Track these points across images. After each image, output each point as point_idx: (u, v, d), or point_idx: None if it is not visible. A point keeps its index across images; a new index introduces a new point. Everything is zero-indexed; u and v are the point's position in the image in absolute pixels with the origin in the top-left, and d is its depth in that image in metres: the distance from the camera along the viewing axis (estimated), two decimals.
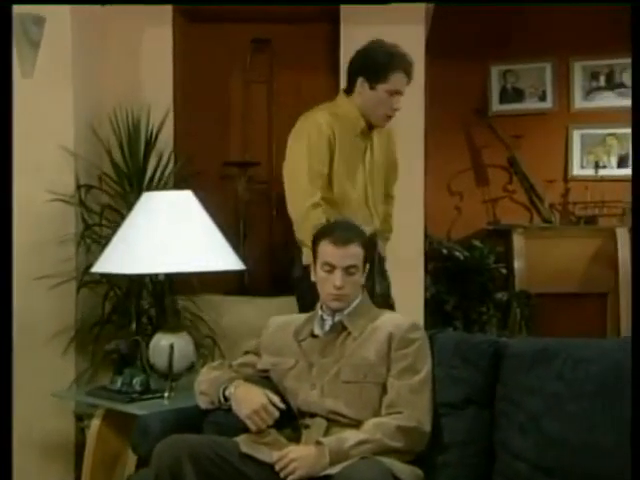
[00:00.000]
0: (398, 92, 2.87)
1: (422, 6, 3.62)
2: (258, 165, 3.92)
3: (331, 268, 2.20)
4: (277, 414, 2.14)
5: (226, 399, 2.20)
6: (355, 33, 3.63)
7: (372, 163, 2.96)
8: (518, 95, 4.97)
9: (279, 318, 2.39)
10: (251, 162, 3.91)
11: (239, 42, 3.89)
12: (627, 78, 4.81)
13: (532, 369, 2.06)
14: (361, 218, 2.71)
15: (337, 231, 2.23)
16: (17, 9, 2.98)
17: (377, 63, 2.85)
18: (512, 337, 4.04)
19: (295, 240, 2.89)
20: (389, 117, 2.91)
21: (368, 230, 2.70)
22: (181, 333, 2.71)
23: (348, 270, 2.19)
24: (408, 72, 2.87)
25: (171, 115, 3.63)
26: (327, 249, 2.20)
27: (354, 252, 2.20)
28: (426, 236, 3.80)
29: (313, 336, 2.27)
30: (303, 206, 2.83)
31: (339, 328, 2.24)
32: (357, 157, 2.93)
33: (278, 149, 3.98)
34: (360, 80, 2.89)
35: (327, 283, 2.21)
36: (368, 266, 2.28)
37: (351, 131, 2.90)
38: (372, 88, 2.87)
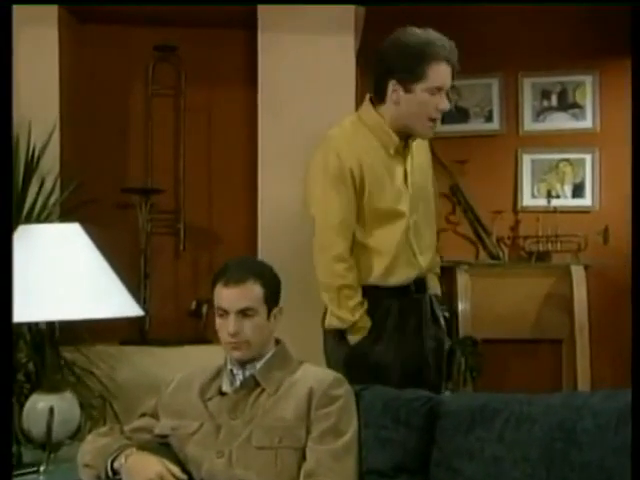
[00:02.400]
0: (441, 88, 2.61)
1: (351, 12, 3.70)
2: (163, 192, 3.91)
3: (224, 313, 2.21)
4: None
5: (115, 472, 2.16)
6: (275, 41, 3.69)
7: (415, 187, 2.73)
8: (461, 115, 5.08)
9: (183, 373, 2.37)
10: (154, 189, 3.90)
11: (140, 48, 3.90)
12: (581, 97, 4.99)
13: (471, 430, 2.10)
14: (403, 262, 2.65)
15: (229, 270, 2.24)
16: None
17: (410, 57, 2.58)
18: (455, 391, 4.14)
19: None
20: (433, 122, 2.65)
21: (413, 274, 2.68)
22: (64, 393, 2.65)
23: (244, 313, 2.20)
24: (451, 61, 2.61)
25: (57, 133, 3.59)
26: (219, 292, 2.22)
27: (249, 292, 2.20)
28: None
29: (221, 394, 2.25)
30: (323, 260, 2.65)
31: (251, 384, 2.24)
32: (394, 184, 2.68)
33: (186, 173, 4.00)
34: (392, 83, 2.63)
35: (222, 330, 2.23)
36: (279, 309, 2.27)
37: (383, 152, 2.68)
38: (408, 91, 2.61)
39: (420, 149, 2.82)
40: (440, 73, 2.61)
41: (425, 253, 2.77)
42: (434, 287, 2.87)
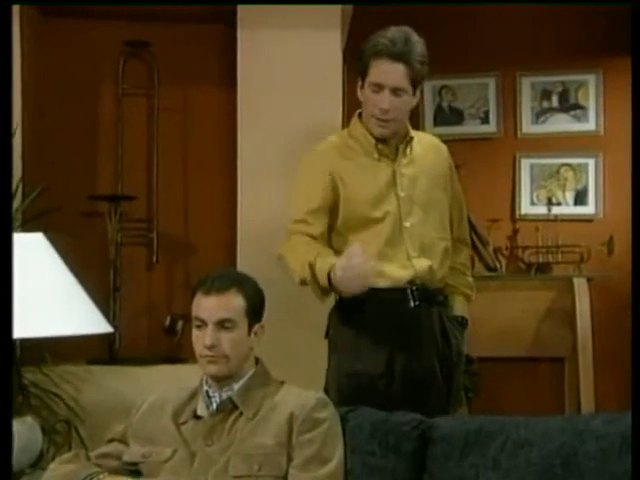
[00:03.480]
0: (381, 85, 2.70)
1: (338, 7, 3.71)
2: (134, 199, 3.90)
3: (202, 324, 2.22)
4: None
5: None
6: (256, 37, 3.69)
7: (411, 191, 2.79)
8: (456, 116, 5.12)
9: (155, 395, 2.36)
10: (125, 196, 3.89)
11: (109, 44, 3.90)
12: (583, 98, 5.02)
13: (465, 456, 2.10)
14: (392, 265, 2.71)
15: (211, 278, 2.25)
16: None
17: (359, 52, 2.76)
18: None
19: None
20: (379, 121, 2.73)
21: (405, 276, 2.72)
22: (25, 417, 2.64)
23: (223, 325, 2.20)
24: (402, 59, 2.69)
25: (19, 135, 3.57)
26: (198, 301, 2.23)
27: (230, 302, 2.21)
28: None
29: (196, 418, 2.25)
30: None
31: (228, 407, 2.23)
32: (374, 188, 2.77)
33: (160, 179, 3.99)
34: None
35: (198, 342, 2.23)
36: (260, 326, 2.28)
37: (365, 158, 2.79)
38: (362, 87, 2.77)
39: (430, 152, 2.89)
40: (380, 69, 2.71)
41: (425, 258, 2.79)
42: (457, 308, 2.93)
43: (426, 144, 2.92)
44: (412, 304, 2.76)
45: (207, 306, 2.22)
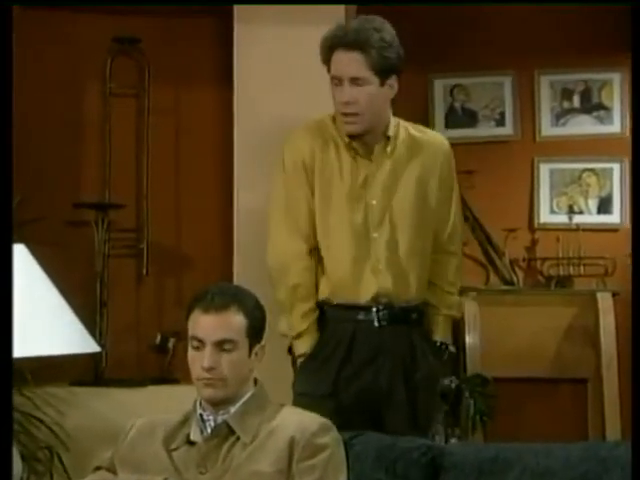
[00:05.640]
0: (339, 78, 2.77)
1: (341, 5, 3.72)
2: (122, 208, 3.92)
3: (200, 344, 2.22)
4: None
5: None
6: (254, 33, 3.70)
7: (385, 199, 2.81)
8: (469, 118, 5.12)
9: (144, 419, 2.37)
10: (113, 204, 3.90)
11: (95, 40, 3.92)
12: (607, 98, 5.03)
13: None
14: (357, 279, 2.75)
15: (209, 295, 2.25)
16: None
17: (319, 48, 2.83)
18: (463, 437, 4.14)
19: None
20: (345, 117, 2.78)
21: (367, 292, 2.75)
22: None
23: (222, 346, 2.21)
24: (349, 44, 2.74)
25: None
26: (196, 319, 2.23)
27: (230, 322, 2.22)
28: None
29: (189, 443, 2.24)
30: (279, 257, 2.85)
31: (224, 431, 2.23)
32: (344, 189, 2.81)
33: (151, 186, 4.01)
34: None
35: (195, 364, 2.22)
36: (261, 346, 2.29)
37: (331, 150, 2.83)
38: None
39: (419, 153, 2.88)
40: (335, 61, 2.78)
41: (395, 273, 2.80)
42: (437, 332, 2.91)
43: (415, 143, 2.90)
44: (376, 324, 2.77)
45: (205, 325, 2.21)
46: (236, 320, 2.23)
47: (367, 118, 2.78)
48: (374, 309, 2.78)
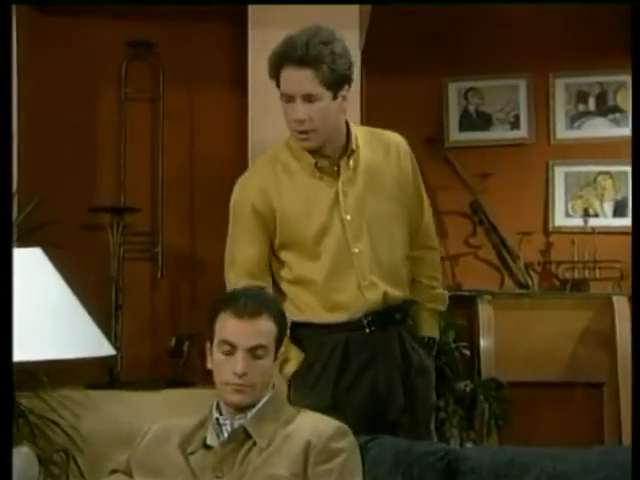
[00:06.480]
0: (290, 96, 2.69)
1: (355, 7, 3.73)
2: (138, 211, 3.93)
3: (231, 349, 2.22)
4: None
5: None
6: (268, 37, 3.69)
7: (359, 212, 2.76)
8: (483, 121, 5.12)
9: (160, 423, 2.38)
10: (128, 207, 3.92)
11: (111, 45, 3.94)
12: (623, 100, 5.02)
13: None
14: (343, 297, 2.72)
15: (242, 299, 2.26)
16: None
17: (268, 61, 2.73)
18: (478, 442, 4.14)
19: None
20: (299, 134, 2.72)
21: (356, 309, 2.71)
22: (20, 447, 2.65)
23: (254, 352, 2.21)
24: (299, 61, 2.65)
25: (14, 143, 3.61)
26: (228, 323, 2.23)
27: (263, 328, 2.23)
28: None
29: (206, 447, 2.25)
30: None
31: (241, 436, 2.23)
32: (315, 212, 2.75)
33: (165, 190, 4.02)
34: None
35: (225, 369, 2.22)
36: (283, 350, 2.30)
37: (307, 177, 2.77)
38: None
39: (379, 157, 2.84)
40: (285, 79, 2.69)
41: (379, 284, 2.77)
42: (423, 328, 2.90)
43: (377, 149, 2.86)
44: (367, 330, 2.76)
45: (239, 330, 2.21)
46: (268, 327, 2.24)
47: (322, 133, 2.74)
48: (363, 320, 2.77)
